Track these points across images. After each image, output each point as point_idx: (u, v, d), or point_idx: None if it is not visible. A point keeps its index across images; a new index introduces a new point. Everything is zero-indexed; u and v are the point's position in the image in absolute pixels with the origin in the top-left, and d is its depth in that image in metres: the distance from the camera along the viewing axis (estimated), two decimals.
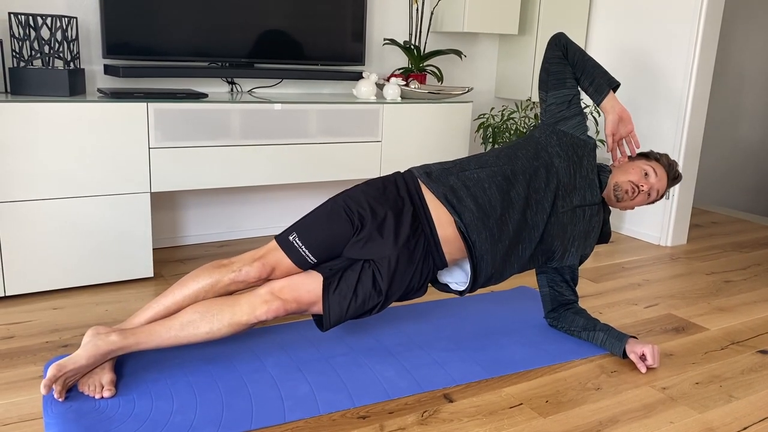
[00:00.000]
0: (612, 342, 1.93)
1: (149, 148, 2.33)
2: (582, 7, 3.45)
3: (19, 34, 2.21)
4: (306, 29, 2.83)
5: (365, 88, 2.84)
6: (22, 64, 2.24)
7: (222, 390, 1.65)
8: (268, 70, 2.74)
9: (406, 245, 1.74)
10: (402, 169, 2.92)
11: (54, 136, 2.16)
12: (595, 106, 2.41)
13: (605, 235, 2.06)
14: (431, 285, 1.97)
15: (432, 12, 3.22)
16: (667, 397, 1.74)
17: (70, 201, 2.23)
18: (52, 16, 2.22)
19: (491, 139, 3.27)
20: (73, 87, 2.28)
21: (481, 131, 3.46)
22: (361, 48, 2.98)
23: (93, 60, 2.57)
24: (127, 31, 2.46)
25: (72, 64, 2.31)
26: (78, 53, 2.34)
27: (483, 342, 2.01)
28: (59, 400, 1.54)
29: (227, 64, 2.71)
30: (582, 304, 2.40)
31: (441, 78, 3.22)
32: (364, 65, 3.03)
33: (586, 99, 3.55)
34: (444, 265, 1.84)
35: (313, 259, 1.74)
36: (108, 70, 2.49)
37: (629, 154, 2.07)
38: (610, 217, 2.19)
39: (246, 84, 2.91)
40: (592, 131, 3.50)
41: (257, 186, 3.04)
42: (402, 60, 3.29)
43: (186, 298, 1.71)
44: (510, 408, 1.65)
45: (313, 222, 1.77)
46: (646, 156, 2.05)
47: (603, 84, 1.97)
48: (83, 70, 2.39)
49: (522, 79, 3.45)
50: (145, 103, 2.30)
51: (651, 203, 2.03)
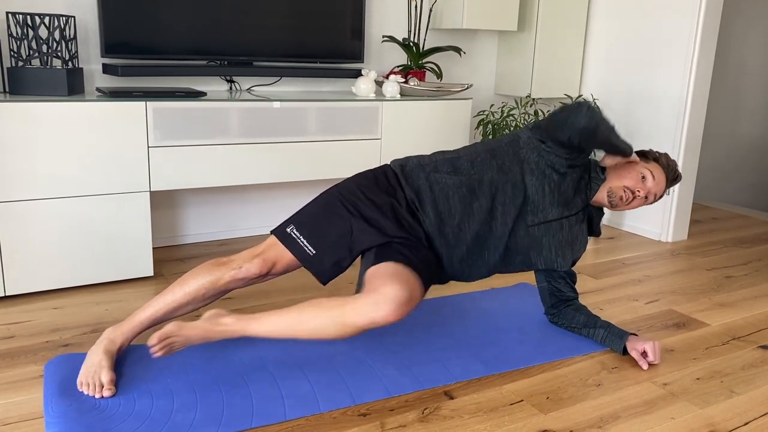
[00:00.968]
0: (612, 339, 1.93)
1: (148, 147, 2.33)
2: (581, 3, 3.44)
3: (17, 33, 2.21)
4: (305, 27, 2.82)
5: (364, 85, 2.84)
6: (20, 63, 2.24)
7: (222, 388, 1.65)
8: (266, 68, 2.74)
9: (408, 224, 1.76)
10: None
11: (53, 135, 2.16)
12: (595, 100, 2.38)
13: (595, 234, 2.03)
14: None
15: (431, 9, 3.21)
16: (668, 393, 1.74)
17: (69, 201, 2.23)
18: (50, 15, 2.22)
19: (491, 136, 3.27)
20: (72, 86, 2.27)
21: (481, 128, 3.45)
22: (360, 45, 2.97)
23: (91, 59, 2.57)
24: (126, 30, 2.46)
25: (70, 63, 2.31)
26: (76, 52, 2.34)
27: (483, 339, 2.01)
28: (158, 355, 1.55)
29: (226, 62, 2.71)
30: (582, 300, 2.40)
31: (440, 75, 3.21)
32: (363, 63, 3.02)
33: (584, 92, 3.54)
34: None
35: (312, 251, 1.73)
36: (106, 69, 2.49)
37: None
38: (607, 212, 2.16)
39: (245, 82, 2.91)
40: None
41: (257, 184, 3.04)
42: (401, 57, 3.28)
43: (186, 296, 1.71)
44: (511, 405, 1.65)
45: (309, 213, 1.77)
46: (644, 156, 1.96)
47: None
48: (81, 69, 2.38)
49: (521, 76, 3.44)
50: (144, 102, 2.29)
51: (648, 204, 1.97)
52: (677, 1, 3.08)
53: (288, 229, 1.75)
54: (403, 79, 3.00)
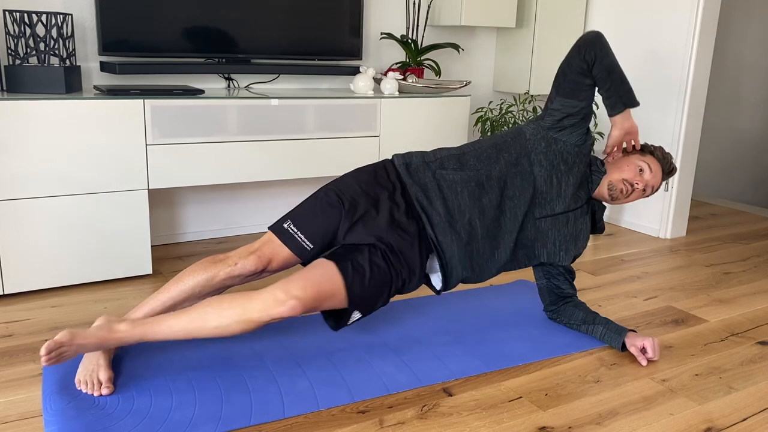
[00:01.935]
0: (611, 335, 1.93)
1: (146, 144, 2.33)
2: None
3: (15, 31, 2.20)
4: (303, 24, 2.82)
5: (363, 82, 2.84)
6: (17, 61, 2.23)
7: (221, 386, 1.65)
8: (264, 65, 2.74)
9: (401, 223, 1.75)
10: None
11: (51, 133, 2.16)
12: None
13: (598, 230, 2.05)
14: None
15: (429, 6, 3.21)
16: (667, 389, 1.74)
17: (67, 199, 2.23)
18: (47, 13, 2.21)
19: (489, 133, 3.27)
20: (70, 84, 2.27)
21: (479, 125, 3.45)
22: (358, 43, 2.97)
23: (89, 57, 2.57)
24: (123, 28, 2.45)
25: (68, 61, 2.31)
26: (74, 50, 2.33)
27: (482, 336, 2.01)
28: (44, 365, 1.52)
29: (224, 59, 2.71)
30: (581, 296, 2.40)
31: (438, 72, 3.21)
32: (361, 60, 3.02)
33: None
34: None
35: (311, 246, 1.73)
36: (104, 67, 2.49)
37: (625, 147, 2.04)
38: (608, 208, 2.17)
39: (243, 80, 2.91)
40: (590, 123, 3.49)
41: (255, 182, 3.04)
42: (399, 54, 3.28)
43: (182, 293, 1.70)
44: (509, 401, 1.65)
45: (307, 209, 1.77)
46: (640, 149, 1.99)
47: (618, 103, 1.85)
48: (79, 67, 2.38)
49: (520, 73, 3.44)
50: (142, 100, 2.29)
51: (646, 197, 2.00)
52: None
53: (285, 225, 1.75)
54: (402, 76, 3.00)
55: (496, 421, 1.56)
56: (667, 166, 1.97)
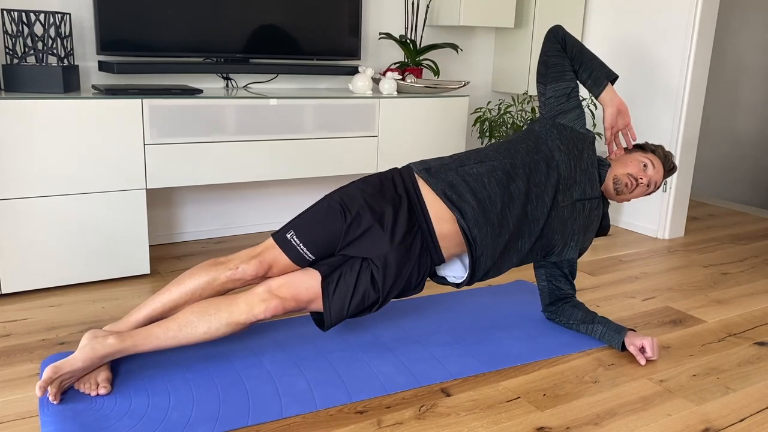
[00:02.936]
0: (611, 335, 1.93)
1: (144, 144, 2.33)
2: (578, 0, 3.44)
3: (12, 30, 2.20)
4: (301, 24, 2.82)
5: (361, 82, 2.83)
6: (15, 61, 2.23)
7: (219, 386, 1.65)
8: (263, 65, 2.73)
9: (402, 242, 1.73)
10: (399, 164, 2.92)
11: (49, 133, 2.15)
12: (592, 99, 2.40)
13: (604, 228, 2.06)
14: (429, 278, 1.97)
15: (428, 6, 3.21)
16: (665, 390, 1.74)
17: (65, 198, 2.22)
18: (45, 12, 2.21)
19: (488, 133, 3.27)
20: (68, 84, 2.27)
21: (478, 125, 3.45)
22: (357, 42, 2.97)
23: (87, 56, 2.56)
24: (121, 27, 2.45)
25: (66, 60, 2.30)
26: (72, 50, 2.33)
27: (480, 336, 2.01)
28: (53, 402, 1.53)
29: (222, 59, 2.70)
30: (579, 297, 2.40)
31: (437, 72, 3.21)
32: (360, 60, 3.02)
33: (583, 92, 3.54)
34: (441, 261, 1.83)
35: (311, 257, 1.73)
36: (102, 66, 2.48)
37: (626, 146, 2.07)
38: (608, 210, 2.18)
39: (241, 79, 2.90)
40: (588, 124, 3.50)
41: (254, 182, 3.04)
42: (398, 54, 3.28)
43: (183, 295, 1.70)
44: (507, 402, 1.65)
45: (310, 219, 1.76)
46: (642, 148, 2.05)
47: (601, 77, 1.96)
48: (77, 66, 2.37)
49: (519, 73, 3.44)
50: (140, 100, 2.29)
51: (648, 194, 2.04)
52: None
53: (288, 235, 1.75)
54: (400, 77, 3.00)
55: (494, 422, 1.56)
56: (668, 163, 2.02)
